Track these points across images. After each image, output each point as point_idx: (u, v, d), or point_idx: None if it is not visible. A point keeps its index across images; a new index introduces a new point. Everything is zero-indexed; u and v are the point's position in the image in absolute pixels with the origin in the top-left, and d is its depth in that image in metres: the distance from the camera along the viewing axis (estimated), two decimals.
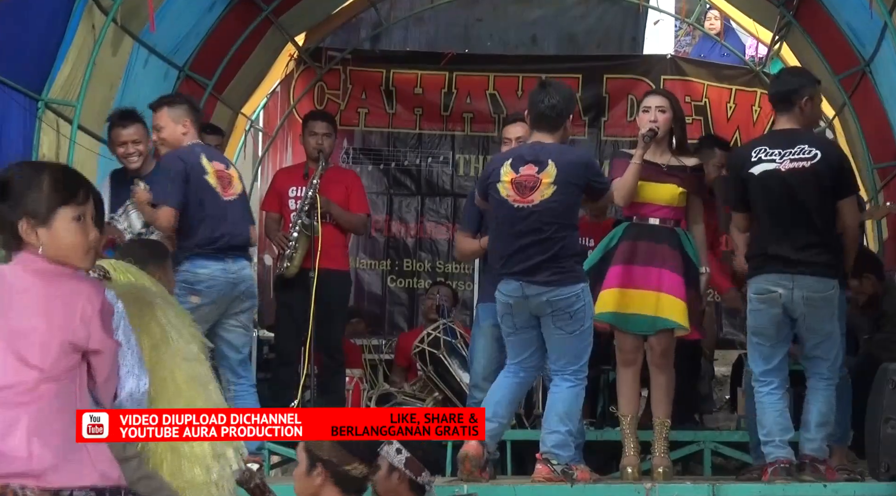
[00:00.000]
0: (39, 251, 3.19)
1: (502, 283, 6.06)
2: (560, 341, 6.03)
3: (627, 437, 6.40)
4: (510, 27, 11.31)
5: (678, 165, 6.46)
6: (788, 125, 6.14)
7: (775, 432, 6.04)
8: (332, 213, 7.74)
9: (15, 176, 3.24)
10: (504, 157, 6.18)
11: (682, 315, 6.27)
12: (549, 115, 6.07)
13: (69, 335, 3.13)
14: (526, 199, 5.98)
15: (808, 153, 6.02)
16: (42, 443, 3.06)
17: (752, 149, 6.17)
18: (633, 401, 6.45)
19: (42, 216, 3.19)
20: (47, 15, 6.70)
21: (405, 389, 8.19)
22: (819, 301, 5.99)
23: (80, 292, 3.18)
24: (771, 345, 6.09)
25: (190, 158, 6.41)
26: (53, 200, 3.19)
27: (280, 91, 10.52)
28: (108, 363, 3.22)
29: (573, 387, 6.07)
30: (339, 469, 3.91)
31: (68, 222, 3.20)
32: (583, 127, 10.58)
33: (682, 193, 6.42)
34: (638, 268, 6.30)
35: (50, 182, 3.20)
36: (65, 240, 3.20)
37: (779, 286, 5.98)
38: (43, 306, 3.15)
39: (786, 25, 9.29)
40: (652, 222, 6.39)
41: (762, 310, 6.06)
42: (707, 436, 7.31)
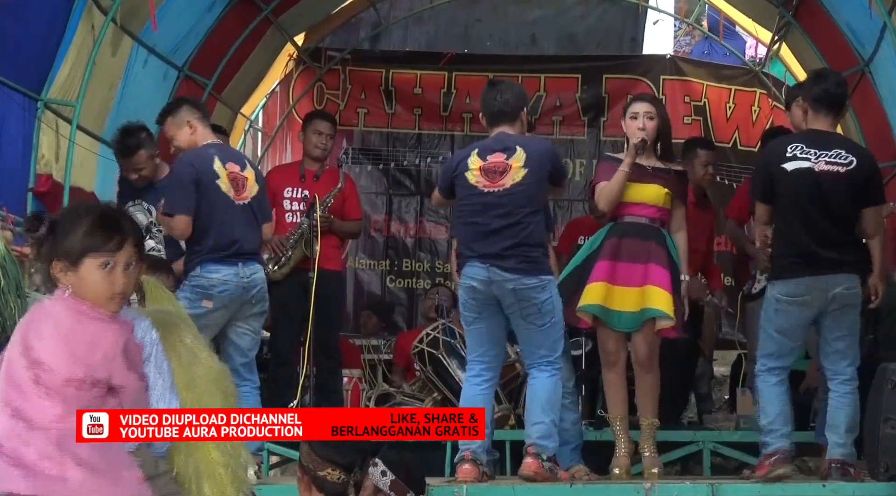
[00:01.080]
0: (68, 291, 3.34)
1: (468, 267, 6.02)
2: (531, 335, 6.03)
3: (619, 439, 6.39)
4: (510, 27, 11.32)
5: (663, 168, 6.46)
6: (826, 127, 6.12)
7: (778, 423, 6.06)
8: (332, 229, 7.77)
9: (62, 215, 3.43)
10: (468, 150, 6.24)
11: (667, 305, 6.25)
12: (505, 110, 6.13)
13: (89, 370, 3.25)
14: (496, 183, 6.01)
15: (845, 159, 6.01)
16: (75, 466, 3.17)
17: (788, 144, 6.12)
18: (621, 402, 6.43)
19: (72, 260, 3.33)
20: (47, 15, 6.70)
21: (404, 389, 8.19)
22: (849, 298, 6.02)
23: (104, 333, 3.31)
24: (793, 344, 6.14)
25: (201, 164, 6.33)
26: (83, 247, 3.33)
27: (279, 91, 10.53)
28: (131, 397, 3.32)
29: (552, 376, 6.05)
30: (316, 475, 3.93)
31: (94, 269, 3.33)
32: (582, 127, 10.60)
33: (667, 195, 6.41)
34: (623, 265, 6.28)
35: (86, 227, 3.34)
36: (89, 287, 3.34)
37: (813, 289, 5.99)
38: (69, 342, 3.27)
39: (785, 25, 9.29)
40: (637, 221, 6.38)
41: (791, 313, 6.05)
42: (706, 436, 7.31)
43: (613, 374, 6.40)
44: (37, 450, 3.15)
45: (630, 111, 6.46)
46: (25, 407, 3.19)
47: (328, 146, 8.00)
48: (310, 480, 3.96)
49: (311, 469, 3.94)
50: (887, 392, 5.95)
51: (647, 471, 6.32)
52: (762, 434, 6.13)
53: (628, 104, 6.60)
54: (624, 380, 6.46)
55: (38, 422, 3.18)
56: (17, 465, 3.15)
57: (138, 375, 3.36)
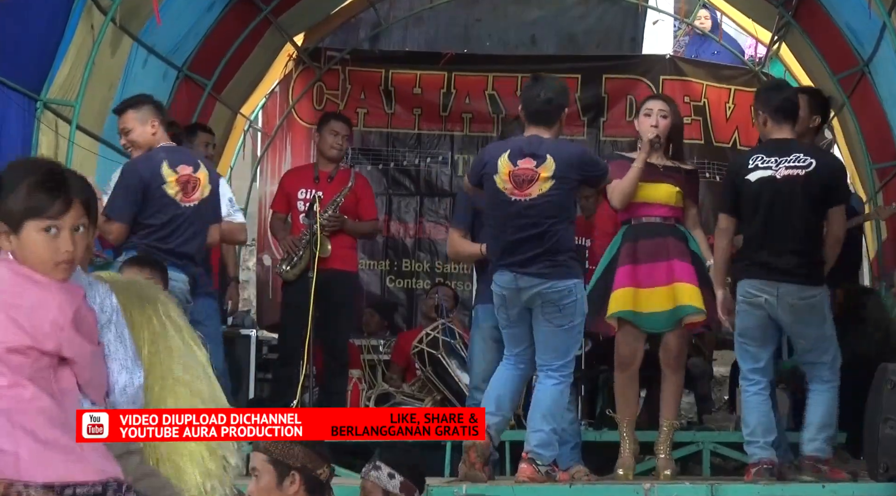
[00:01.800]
0: (10, 256, 3.10)
1: (497, 275, 6.06)
2: (547, 334, 6.03)
3: (625, 440, 6.41)
4: (509, 27, 11.31)
5: (674, 167, 6.48)
6: (786, 135, 6.23)
7: (759, 433, 6.10)
8: (345, 229, 7.77)
9: (6, 174, 3.14)
10: (500, 149, 6.16)
11: (697, 299, 6.31)
12: (546, 110, 6.08)
13: (34, 341, 3.04)
14: (524, 192, 5.99)
15: (803, 161, 6.11)
16: (30, 440, 2.98)
17: (751, 156, 6.27)
18: (631, 404, 6.45)
19: (13, 224, 3.09)
20: (46, 15, 6.69)
21: (404, 390, 8.19)
22: (803, 308, 6.08)
23: (52, 300, 3.07)
24: (757, 346, 6.18)
25: (149, 168, 6.33)
26: (24, 211, 3.07)
27: (279, 91, 10.52)
28: (86, 368, 3.13)
29: (557, 385, 6.07)
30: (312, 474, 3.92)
31: (36, 234, 3.08)
32: (582, 127, 10.58)
33: (679, 193, 6.44)
34: (644, 267, 6.30)
35: (27, 188, 3.07)
36: (31, 252, 3.09)
37: (763, 292, 6.08)
38: (11, 311, 3.05)
39: (785, 25, 9.29)
40: (651, 221, 6.40)
41: (748, 312, 6.15)
42: (706, 436, 7.31)
43: (627, 377, 6.41)
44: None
45: (644, 108, 6.50)
46: None
47: (344, 147, 8.06)
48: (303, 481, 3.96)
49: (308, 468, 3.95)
50: (887, 392, 5.96)
51: (661, 473, 6.34)
52: (745, 443, 6.18)
53: (643, 102, 6.65)
54: (637, 383, 6.47)
55: None
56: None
57: (92, 343, 3.14)
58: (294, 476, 4.04)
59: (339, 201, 7.69)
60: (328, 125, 8.03)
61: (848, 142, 9.08)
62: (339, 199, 7.70)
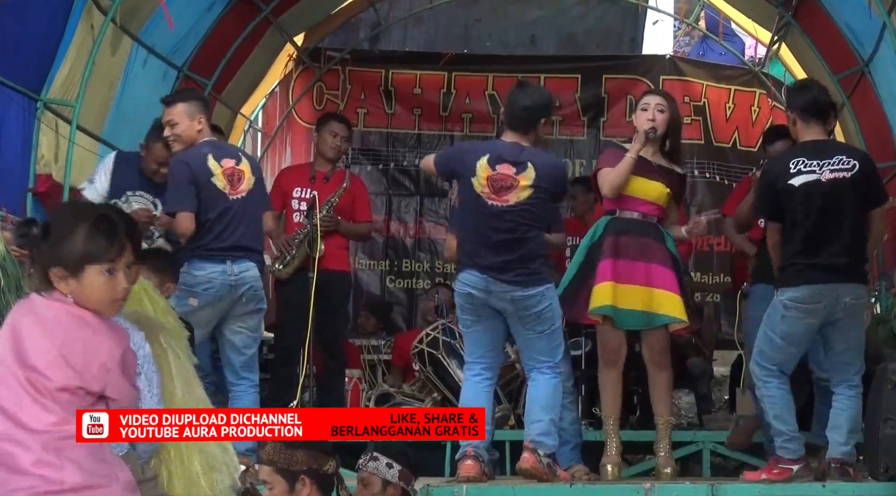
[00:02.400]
0: (69, 298, 3.26)
1: (465, 274, 6.01)
2: (532, 341, 6.05)
3: (610, 437, 6.38)
4: (509, 27, 11.32)
5: (667, 167, 6.46)
6: (819, 136, 6.16)
7: (796, 430, 6.07)
8: (339, 230, 7.77)
9: (56, 218, 3.33)
10: (479, 151, 6.13)
11: (678, 309, 6.27)
12: (521, 117, 6.08)
13: (83, 382, 3.19)
14: (501, 198, 5.98)
15: (847, 164, 6.05)
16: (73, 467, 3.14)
17: (790, 160, 6.14)
18: (616, 401, 6.43)
19: (72, 269, 3.26)
20: (46, 15, 6.69)
21: (404, 390, 8.18)
22: (857, 307, 6.07)
23: (103, 344, 3.25)
24: (797, 352, 6.14)
25: (195, 161, 6.36)
26: (84, 256, 3.25)
27: (279, 91, 10.53)
28: (123, 408, 3.28)
29: (552, 379, 6.06)
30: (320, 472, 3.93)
31: (96, 276, 3.27)
32: (582, 127, 10.59)
33: (668, 194, 6.41)
34: (624, 263, 6.27)
35: (85, 235, 3.26)
36: (92, 294, 3.27)
37: (823, 296, 6.00)
38: (65, 351, 3.20)
39: (785, 26, 9.29)
40: (635, 216, 6.37)
41: (799, 320, 6.05)
42: (706, 436, 7.31)
43: (611, 373, 6.38)
44: (34, 455, 3.12)
45: (641, 103, 6.46)
46: (18, 411, 3.14)
47: (343, 147, 8.05)
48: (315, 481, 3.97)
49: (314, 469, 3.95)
50: (887, 392, 5.95)
51: (661, 472, 6.31)
52: (780, 439, 6.09)
53: (640, 97, 6.62)
54: (620, 379, 6.45)
55: (34, 428, 3.13)
56: (12, 470, 3.11)
57: (132, 385, 3.33)
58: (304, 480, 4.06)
59: (333, 201, 7.69)
60: (328, 126, 8.02)
61: (848, 142, 9.07)
62: (333, 199, 7.70)
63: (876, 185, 6.18)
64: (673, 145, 6.47)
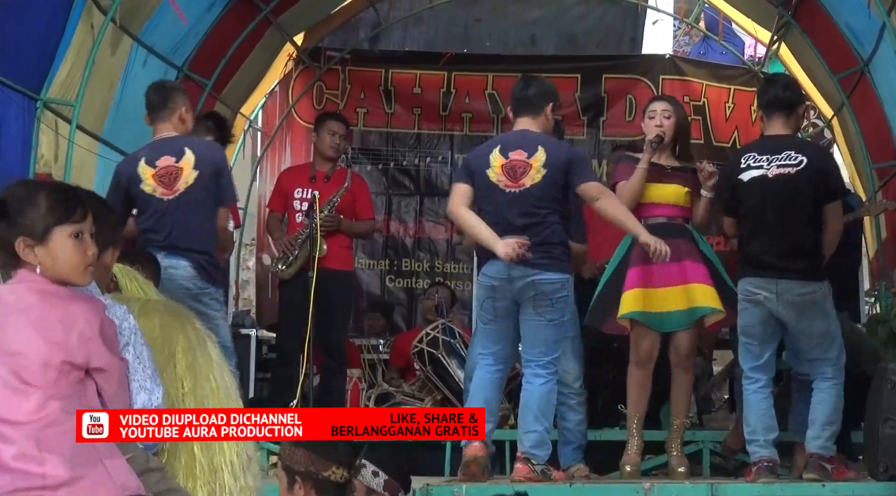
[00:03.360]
0: (37, 270, 3.19)
1: (488, 265, 6.02)
2: (536, 328, 6.00)
3: (633, 437, 6.42)
4: (509, 27, 11.31)
5: (681, 166, 6.51)
6: (780, 131, 6.22)
7: (759, 431, 6.11)
8: (341, 229, 7.76)
9: (12, 195, 3.23)
10: (490, 145, 6.20)
11: (714, 300, 6.33)
12: (528, 98, 6.12)
13: (67, 355, 3.12)
14: (517, 182, 6.00)
15: (795, 159, 6.11)
16: (55, 460, 3.06)
17: (742, 155, 6.28)
18: (643, 401, 6.47)
19: (39, 235, 3.18)
20: (46, 15, 6.69)
21: (404, 390, 8.19)
22: (803, 304, 6.08)
23: (78, 313, 3.17)
24: (759, 344, 6.17)
25: (128, 170, 6.44)
26: (50, 219, 3.18)
27: (279, 91, 10.53)
28: (113, 380, 3.22)
29: (546, 384, 6.04)
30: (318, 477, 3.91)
31: (65, 240, 3.20)
32: (581, 127, 10.59)
33: (688, 193, 6.48)
34: (657, 267, 6.29)
35: (47, 201, 3.19)
36: (62, 258, 3.19)
37: (762, 289, 6.08)
38: (41, 327, 3.14)
39: (784, 25, 9.29)
40: (661, 221, 6.41)
41: (749, 310, 6.15)
42: (706, 436, 7.32)
43: (641, 373, 6.43)
44: (14, 448, 3.04)
45: (648, 110, 6.57)
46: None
47: (341, 146, 8.08)
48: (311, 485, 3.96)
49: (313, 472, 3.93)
50: (887, 392, 5.96)
51: (675, 471, 6.37)
52: (746, 442, 6.19)
53: (647, 105, 6.69)
54: (650, 379, 6.48)
55: (15, 420, 3.06)
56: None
57: (118, 356, 3.26)
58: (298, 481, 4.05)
59: (335, 201, 7.70)
60: (326, 125, 8.04)
61: (848, 142, 9.08)
62: (335, 198, 7.70)
63: (825, 181, 6.16)
64: (682, 147, 6.57)
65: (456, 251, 10.61)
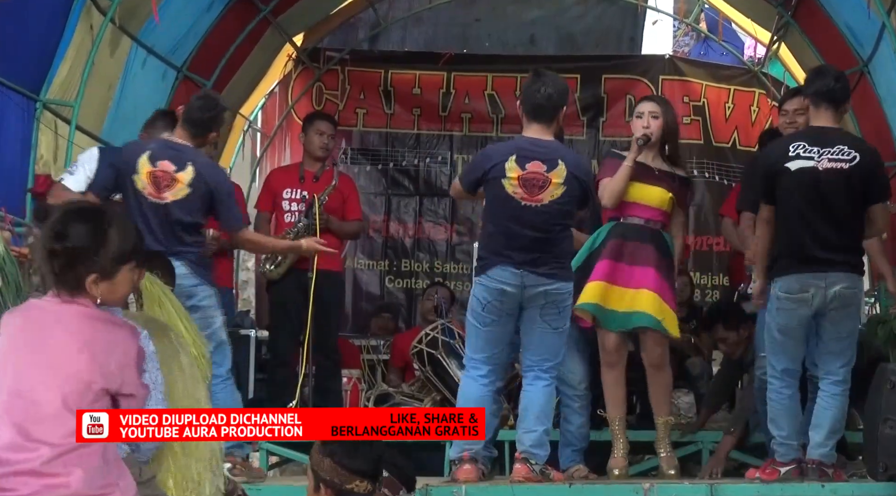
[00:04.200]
0: (97, 301, 3.31)
1: (497, 269, 5.93)
2: (543, 336, 6.01)
3: (617, 439, 6.41)
4: (508, 27, 11.30)
5: (669, 172, 6.47)
6: (828, 123, 6.08)
7: (793, 437, 6.04)
8: (330, 229, 7.76)
9: (78, 232, 3.30)
10: (505, 151, 6.04)
11: (658, 310, 6.27)
12: (545, 106, 5.98)
13: (105, 382, 3.22)
14: (534, 197, 5.91)
15: (847, 155, 5.98)
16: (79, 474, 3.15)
17: (791, 143, 6.07)
18: (620, 402, 6.44)
19: (109, 273, 3.31)
20: (45, 15, 6.69)
21: (404, 390, 8.18)
22: (849, 298, 6.00)
23: (119, 341, 3.29)
24: (796, 344, 6.07)
25: (129, 155, 6.27)
26: (120, 258, 3.32)
27: (278, 91, 10.53)
28: (138, 406, 3.31)
29: (548, 386, 6.06)
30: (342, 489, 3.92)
31: (126, 275, 3.36)
32: (581, 127, 10.59)
33: (671, 199, 6.43)
34: (624, 266, 6.29)
35: (119, 243, 3.32)
36: (121, 292, 3.38)
37: (811, 285, 5.95)
38: (88, 352, 3.23)
39: (784, 26, 9.29)
40: (638, 223, 6.38)
41: (792, 310, 6.01)
42: (706, 436, 7.31)
43: (613, 374, 6.40)
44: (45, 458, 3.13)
45: (636, 111, 6.51)
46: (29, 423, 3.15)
47: (329, 146, 8.06)
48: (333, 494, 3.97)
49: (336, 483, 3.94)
50: (886, 392, 5.94)
51: (665, 472, 6.34)
52: (775, 442, 6.09)
53: (636, 104, 6.64)
54: (623, 380, 6.46)
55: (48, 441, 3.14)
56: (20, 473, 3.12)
57: (144, 383, 3.37)
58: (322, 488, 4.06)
59: (323, 199, 7.69)
60: (313, 125, 8.06)
61: None
62: (323, 197, 7.70)
63: (876, 180, 6.07)
64: (671, 149, 6.49)
65: (455, 251, 10.61)
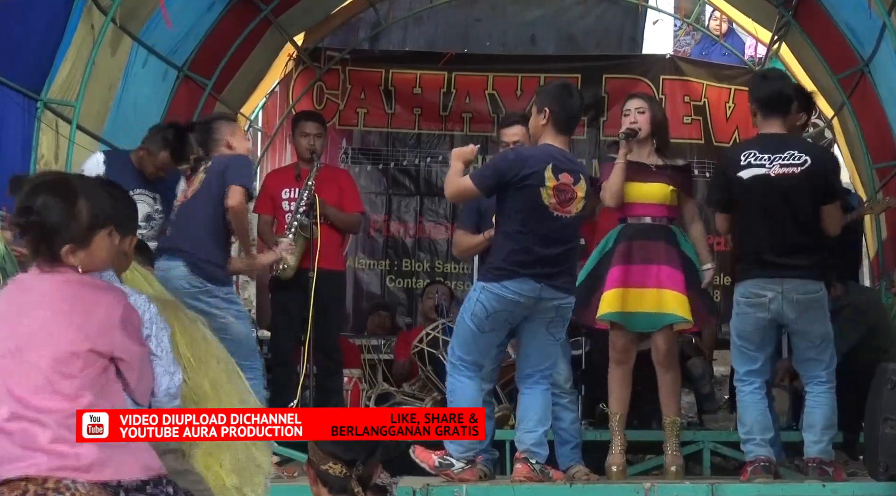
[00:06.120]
0: (79, 270, 3.33)
1: (515, 282, 5.89)
2: (547, 346, 6.08)
3: (615, 435, 6.45)
4: (509, 27, 11.30)
5: (665, 165, 6.50)
6: (777, 130, 6.18)
7: (756, 431, 6.11)
8: (327, 215, 7.76)
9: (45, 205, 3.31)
10: (541, 159, 5.95)
11: (684, 309, 6.32)
12: (576, 118, 6.17)
13: (91, 344, 3.23)
14: (565, 209, 5.95)
15: (799, 159, 6.06)
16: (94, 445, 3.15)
17: (742, 152, 6.18)
18: (623, 399, 6.50)
19: (83, 241, 3.33)
20: (47, 15, 6.69)
21: (404, 389, 8.18)
22: (807, 303, 6.05)
23: (102, 302, 3.31)
24: (755, 348, 6.16)
25: None
26: (94, 227, 3.34)
27: (279, 91, 10.53)
28: (135, 368, 3.33)
29: (547, 390, 6.13)
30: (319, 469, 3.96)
31: (103, 240, 3.38)
32: (582, 127, 10.57)
33: (673, 192, 6.46)
34: (636, 267, 6.34)
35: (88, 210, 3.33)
36: (100, 257, 3.39)
37: (767, 290, 6.04)
38: (69, 316, 3.25)
39: (785, 25, 9.29)
40: (646, 221, 6.42)
41: (748, 315, 6.12)
42: (706, 436, 7.32)
43: (620, 372, 6.46)
44: (51, 432, 3.14)
45: (623, 109, 6.58)
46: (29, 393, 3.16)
47: (317, 146, 8.02)
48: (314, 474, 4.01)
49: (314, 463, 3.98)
50: (887, 392, 5.95)
51: (668, 469, 6.39)
52: (742, 442, 6.18)
53: (622, 103, 6.68)
54: (630, 378, 6.50)
55: (47, 408, 3.16)
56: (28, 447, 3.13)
57: (140, 343, 3.38)
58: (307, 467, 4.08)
59: (309, 185, 7.68)
60: (298, 127, 8.09)
61: (848, 142, 9.08)
62: (309, 181, 7.70)
63: (827, 182, 6.14)
64: (661, 142, 6.53)
65: None
